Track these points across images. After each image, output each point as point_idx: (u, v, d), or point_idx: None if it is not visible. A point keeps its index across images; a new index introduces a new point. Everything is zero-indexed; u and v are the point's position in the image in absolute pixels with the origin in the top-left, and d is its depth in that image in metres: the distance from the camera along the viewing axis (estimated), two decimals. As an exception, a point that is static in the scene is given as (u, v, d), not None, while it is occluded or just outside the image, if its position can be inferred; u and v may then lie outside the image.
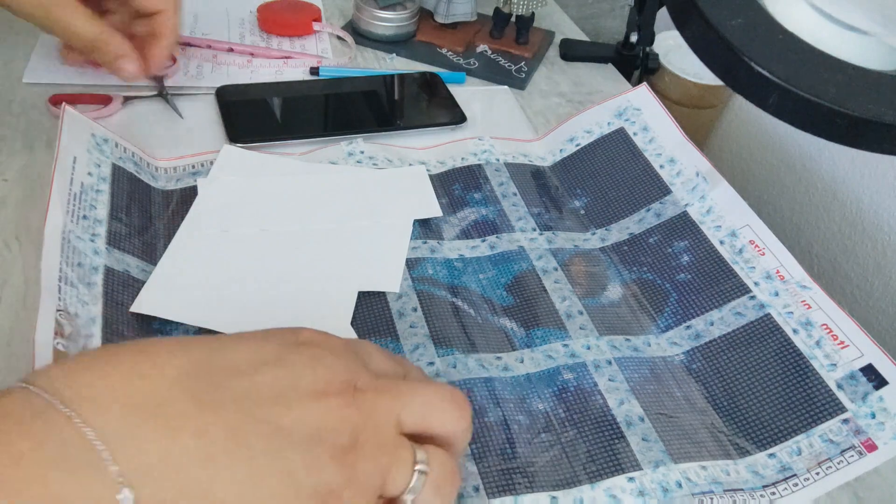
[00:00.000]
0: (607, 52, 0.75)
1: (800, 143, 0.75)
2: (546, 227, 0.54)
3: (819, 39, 0.44)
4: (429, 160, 0.58)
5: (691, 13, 0.45)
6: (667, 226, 0.52)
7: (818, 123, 0.41)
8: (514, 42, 0.74)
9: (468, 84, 0.69)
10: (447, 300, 0.47)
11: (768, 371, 0.44)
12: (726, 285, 0.48)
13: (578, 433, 0.41)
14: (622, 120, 0.58)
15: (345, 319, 0.44)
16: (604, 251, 0.53)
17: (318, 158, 0.55)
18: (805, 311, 0.45)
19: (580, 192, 0.57)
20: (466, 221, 0.53)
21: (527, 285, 0.49)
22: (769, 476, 0.41)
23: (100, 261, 0.42)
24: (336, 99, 0.63)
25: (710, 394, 0.45)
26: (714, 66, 0.46)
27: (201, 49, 0.65)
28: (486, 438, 0.40)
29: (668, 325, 0.48)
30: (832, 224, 0.72)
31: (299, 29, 0.70)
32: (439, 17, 0.73)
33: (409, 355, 0.43)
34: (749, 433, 0.43)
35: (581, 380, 0.44)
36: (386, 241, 0.50)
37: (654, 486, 0.39)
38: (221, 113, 0.58)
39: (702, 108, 0.78)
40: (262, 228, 0.48)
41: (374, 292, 0.46)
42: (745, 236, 0.49)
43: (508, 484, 0.38)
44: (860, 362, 0.43)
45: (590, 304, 0.49)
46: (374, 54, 0.71)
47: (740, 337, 0.46)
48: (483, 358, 0.44)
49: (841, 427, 0.41)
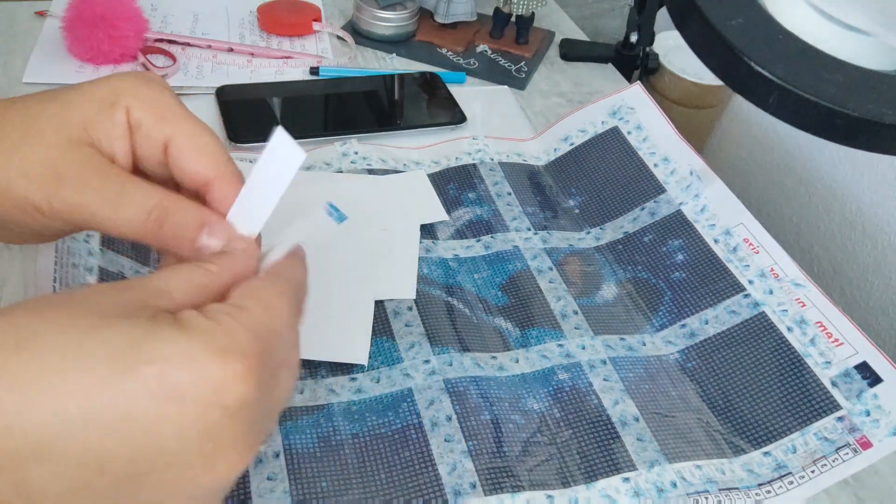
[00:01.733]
0: (607, 52, 0.75)
1: (800, 143, 0.75)
2: (541, 227, 0.54)
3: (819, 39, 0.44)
4: (423, 160, 0.58)
5: (691, 13, 0.45)
6: (661, 224, 0.52)
7: (818, 123, 0.41)
8: (514, 42, 0.74)
9: (468, 84, 0.69)
10: (442, 299, 0.47)
11: (763, 369, 0.44)
12: (721, 284, 0.48)
13: (573, 433, 0.41)
14: (616, 119, 0.58)
15: (365, 330, 0.44)
16: (598, 250, 0.53)
17: (313, 159, 0.55)
18: (799, 309, 0.45)
19: (574, 191, 0.57)
20: (461, 221, 0.53)
21: (521, 285, 0.49)
22: (764, 474, 0.41)
23: (94, 262, 0.42)
24: (336, 99, 0.63)
25: (704, 392, 0.45)
26: (714, 66, 0.46)
27: (201, 49, 0.66)
28: (482, 437, 0.40)
29: (663, 323, 0.48)
30: (832, 224, 0.72)
31: (299, 29, 0.70)
32: (439, 16, 0.73)
33: (405, 354, 0.43)
34: (744, 431, 0.43)
35: (576, 380, 0.44)
36: (396, 248, 0.50)
37: (649, 486, 0.39)
38: (221, 113, 0.58)
39: (701, 108, 0.78)
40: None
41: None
42: (739, 234, 0.49)
43: (504, 482, 0.38)
44: (854, 360, 0.43)
45: (584, 303, 0.49)
46: (374, 54, 0.71)
47: (735, 335, 0.46)
48: (478, 357, 0.44)
49: (836, 425, 0.41)
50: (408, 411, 0.41)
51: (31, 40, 0.63)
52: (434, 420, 0.40)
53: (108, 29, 0.59)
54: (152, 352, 0.23)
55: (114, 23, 0.60)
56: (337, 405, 0.40)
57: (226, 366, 0.24)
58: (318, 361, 0.42)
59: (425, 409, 0.41)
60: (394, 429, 0.40)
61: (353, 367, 0.42)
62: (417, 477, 0.38)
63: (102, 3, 0.60)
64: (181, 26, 0.68)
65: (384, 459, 0.38)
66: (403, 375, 0.42)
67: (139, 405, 0.23)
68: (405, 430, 0.40)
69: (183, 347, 0.23)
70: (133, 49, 0.62)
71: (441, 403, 0.41)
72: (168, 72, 0.62)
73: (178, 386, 0.23)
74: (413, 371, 0.42)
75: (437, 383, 0.42)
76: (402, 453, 0.39)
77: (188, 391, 0.23)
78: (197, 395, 0.23)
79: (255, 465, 0.37)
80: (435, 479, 0.38)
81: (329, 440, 0.39)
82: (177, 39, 0.65)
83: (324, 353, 0.42)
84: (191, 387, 0.23)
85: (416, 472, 0.38)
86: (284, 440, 0.38)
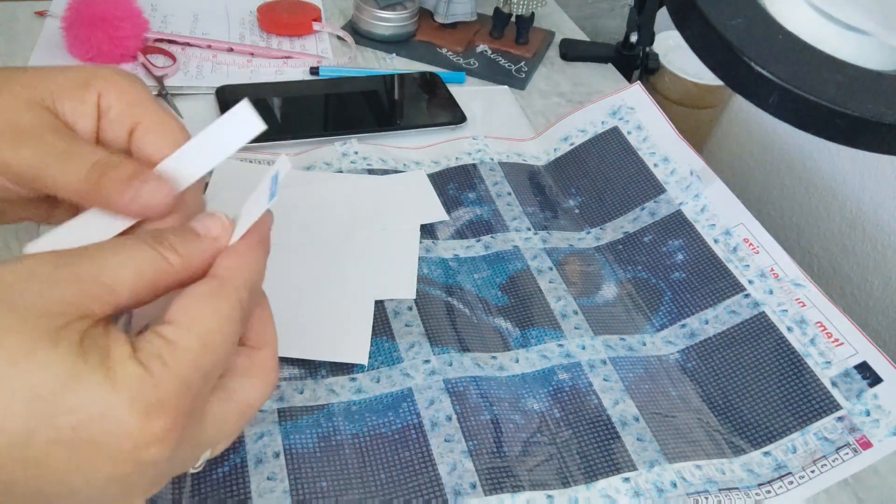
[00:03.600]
0: (607, 52, 0.75)
1: (800, 143, 0.75)
2: (541, 227, 0.54)
3: (819, 39, 0.44)
4: (423, 160, 0.58)
5: (691, 13, 0.45)
6: (661, 224, 0.52)
7: (818, 123, 0.41)
8: (514, 42, 0.74)
9: (468, 84, 0.69)
10: (442, 299, 0.47)
11: (763, 369, 0.44)
12: (721, 284, 0.48)
13: (574, 433, 0.41)
14: (616, 119, 0.58)
15: (365, 330, 0.44)
16: (598, 250, 0.53)
17: (313, 159, 0.55)
18: (799, 309, 0.45)
19: (574, 191, 0.57)
20: (461, 221, 0.53)
21: (521, 285, 0.49)
22: (764, 474, 0.41)
23: None
24: (336, 99, 0.63)
25: (704, 392, 0.45)
26: (714, 66, 0.46)
27: (201, 49, 0.66)
28: (482, 437, 0.40)
29: (663, 323, 0.48)
30: (832, 224, 0.72)
31: (299, 29, 0.70)
32: (439, 16, 0.73)
33: (405, 354, 0.43)
34: (744, 431, 0.43)
35: (576, 380, 0.44)
36: (396, 248, 0.50)
37: (649, 486, 0.39)
38: (221, 113, 0.58)
39: (701, 108, 0.78)
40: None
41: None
42: (739, 234, 0.49)
43: (504, 482, 0.38)
44: (854, 360, 0.43)
45: (584, 303, 0.49)
46: (374, 54, 0.71)
47: (735, 335, 0.46)
48: (478, 357, 0.44)
49: (836, 425, 0.41)
50: (408, 411, 0.41)
51: (31, 40, 0.63)
52: (434, 420, 0.40)
53: (108, 29, 0.59)
54: (74, 403, 0.22)
55: (114, 23, 0.60)
56: (337, 405, 0.40)
57: (148, 427, 0.23)
58: (318, 361, 0.42)
59: (425, 408, 0.41)
60: (394, 429, 0.40)
61: (354, 367, 0.42)
62: (417, 477, 0.38)
63: (102, 3, 0.60)
64: (181, 26, 0.68)
65: (384, 459, 0.38)
66: (403, 375, 0.42)
67: (53, 452, 0.22)
68: (405, 430, 0.40)
69: (106, 402, 0.23)
70: (133, 49, 0.62)
71: (441, 403, 0.41)
72: (168, 72, 0.62)
73: (95, 440, 0.23)
74: (413, 371, 0.42)
75: (437, 383, 0.42)
76: (402, 453, 0.39)
77: (105, 447, 0.23)
78: (113, 452, 0.23)
79: (255, 465, 0.37)
80: (435, 479, 0.38)
81: (329, 440, 0.39)
82: (177, 39, 0.65)
83: (324, 353, 0.42)
84: (109, 443, 0.23)
85: (416, 471, 0.38)
86: (284, 440, 0.38)
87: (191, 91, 0.61)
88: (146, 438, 0.23)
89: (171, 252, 0.27)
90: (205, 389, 0.26)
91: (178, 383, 0.24)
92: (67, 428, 0.22)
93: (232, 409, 0.28)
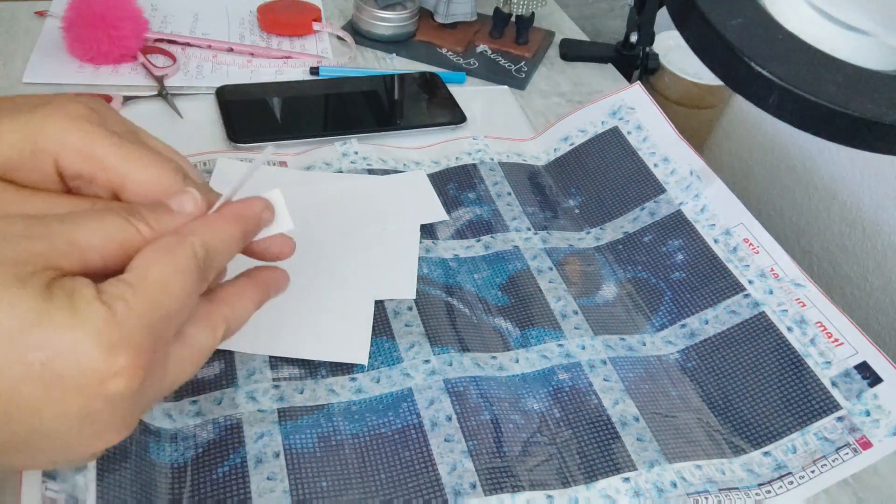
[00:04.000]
0: (607, 52, 0.75)
1: (800, 143, 0.75)
2: (541, 227, 0.54)
3: (819, 39, 0.44)
4: (423, 160, 0.58)
5: (691, 13, 0.45)
6: (661, 224, 0.52)
7: (818, 123, 0.41)
8: (514, 42, 0.74)
9: (468, 84, 0.69)
10: (442, 299, 0.47)
11: (763, 369, 0.44)
12: (721, 284, 0.48)
13: (573, 433, 0.41)
14: (616, 119, 0.58)
15: (365, 329, 0.44)
16: (598, 250, 0.53)
17: (313, 159, 0.56)
18: (799, 309, 0.45)
19: (574, 191, 0.57)
20: (461, 221, 0.53)
21: (521, 285, 0.49)
22: (764, 474, 0.41)
23: None
24: (336, 99, 0.63)
25: (704, 392, 0.45)
26: (714, 66, 0.46)
27: (201, 49, 0.66)
28: (482, 437, 0.40)
29: (663, 323, 0.48)
30: (832, 224, 0.72)
31: (299, 29, 0.70)
32: (439, 16, 0.73)
33: (405, 354, 0.43)
34: (744, 431, 0.43)
35: (576, 380, 0.44)
36: (396, 248, 0.50)
37: (649, 486, 0.39)
38: (221, 113, 0.58)
39: (702, 108, 0.78)
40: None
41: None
42: (739, 234, 0.49)
43: (504, 482, 0.38)
44: (854, 360, 0.43)
45: (584, 303, 0.49)
46: (374, 54, 0.71)
47: (735, 335, 0.46)
48: (478, 357, 0.44)
49: (836, 425, 0.41)
50: (408, 411, 0.41)
51: (31, 40, 0.63)
52: (434, 420, 0.40)
53: (108, 29, 0.59)
54: (41, 339, 0.23)
55: (114, 23, 0.60)
56: (337, 405, 0.40)
57: (113, 361, 0.24)
58: (318, 361, 0.42)
59: (425, 409, 0.41)
60: (394, 429, 0.40)
61: (354, 367, 0.42)
62: (417, 477, 0.38)
63: (102, 3, 0.60)
64: (181, 26, 0.68)
65: (384, 459, 0.38)
66: (403, 375, 0.42)
67: (23, 388, 0.23)
68: (405, 430, 0.40)
69: (72, 338, 0.24)
70: (133, 49, 0.62)
71: (441, 403, 0.41)
72: (168, 72, 0.62)
73: (63, 375, 0.24)
74: (413, 371, 0.42)
75: (437, 383, 0.42)
76: (402, 453, 0.39)
77: (73, 381, 0.24)
78: (81, 385, 0.24)
79: (255, 465, 0.37)
80: (435, 479, 0.38)
81: (329, 440, 0.39)
82: (177, 39, 0.65)
83: (324, 353, 0.42)
84: (76, 377, 0.24)
85: (416, 472, 0.38)
86: (284, 440, 0.38)
87: (191, 91, 0.61)
88: (112, 371, 0.24)
89: (143, 223, 0.28)
90: (166, 332, 0.27)
91: (140, 323, 0.25)
92: (37, 364, 0.23)
93: (187, 353, 0.29)
